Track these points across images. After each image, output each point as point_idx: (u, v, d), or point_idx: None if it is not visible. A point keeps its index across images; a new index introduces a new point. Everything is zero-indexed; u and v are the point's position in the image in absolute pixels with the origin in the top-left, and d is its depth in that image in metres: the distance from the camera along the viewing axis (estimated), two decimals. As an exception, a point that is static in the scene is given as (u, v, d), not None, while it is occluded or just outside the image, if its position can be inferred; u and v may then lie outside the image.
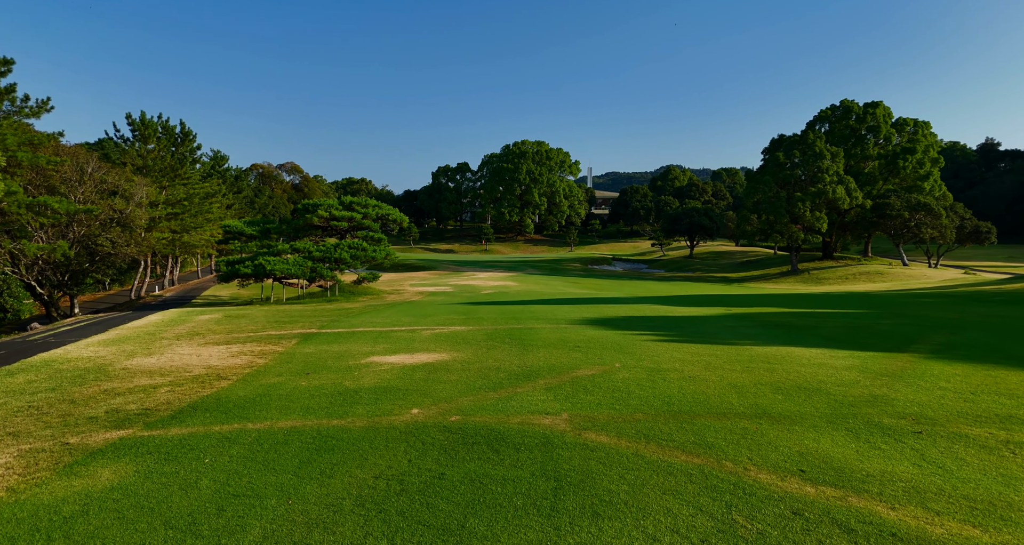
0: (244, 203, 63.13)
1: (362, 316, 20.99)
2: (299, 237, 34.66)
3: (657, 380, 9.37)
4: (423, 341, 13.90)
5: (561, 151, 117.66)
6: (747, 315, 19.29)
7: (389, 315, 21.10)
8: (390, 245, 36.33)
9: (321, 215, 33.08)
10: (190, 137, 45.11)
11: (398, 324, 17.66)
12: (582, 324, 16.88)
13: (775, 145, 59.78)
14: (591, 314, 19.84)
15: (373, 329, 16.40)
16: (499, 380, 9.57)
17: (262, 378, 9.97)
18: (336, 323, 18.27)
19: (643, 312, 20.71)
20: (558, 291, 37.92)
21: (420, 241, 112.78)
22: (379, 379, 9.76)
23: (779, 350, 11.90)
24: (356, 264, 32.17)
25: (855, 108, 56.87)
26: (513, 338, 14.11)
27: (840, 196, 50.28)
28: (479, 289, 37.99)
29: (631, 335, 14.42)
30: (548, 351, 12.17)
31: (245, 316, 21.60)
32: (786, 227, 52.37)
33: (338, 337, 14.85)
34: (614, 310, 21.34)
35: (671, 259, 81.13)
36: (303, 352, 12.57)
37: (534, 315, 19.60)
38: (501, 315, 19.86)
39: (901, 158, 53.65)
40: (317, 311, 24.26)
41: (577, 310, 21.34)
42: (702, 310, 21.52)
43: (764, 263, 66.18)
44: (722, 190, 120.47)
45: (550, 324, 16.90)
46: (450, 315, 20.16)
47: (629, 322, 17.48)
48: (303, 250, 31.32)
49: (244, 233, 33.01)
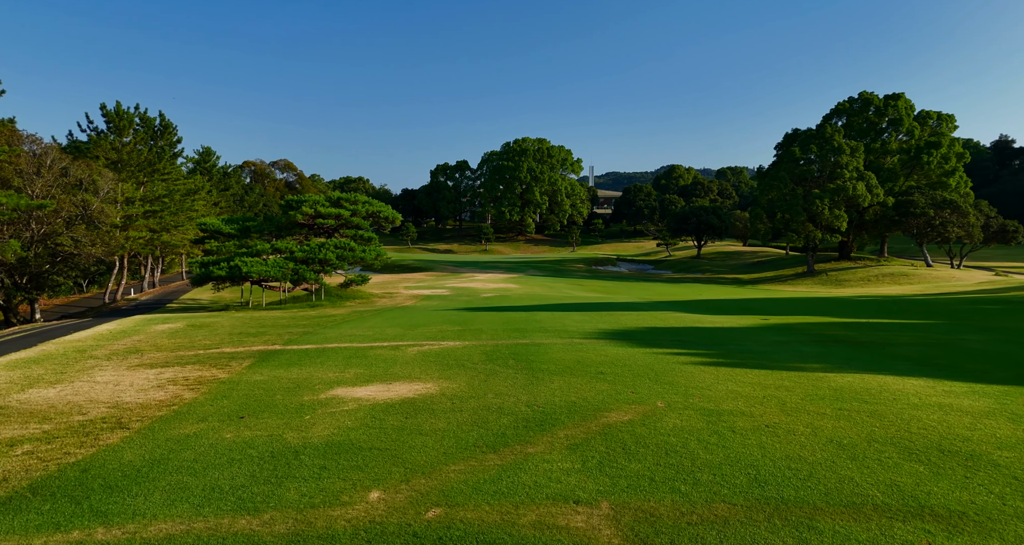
0: (232, 201, 60.42)
1: (343, 326, 18.29)
2: (283, 236, 31.96)
3: (723, 431, 6.67)
4: (407, 363, 11.19)
5: (563, 149, 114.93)
6: (791, 327, 16.57)
7: (374, 324, 18.39)
8: (381, 245, 33.63)
9: (306, 212, 30.36)
10: (170, 130, 42.40)
11: (381, 337, 14.95)
12: (599, 338, 14.18)
13: (789, 140, 57.00)
14: (607, 324, 17.14)
15: (350, 345, 13.69)
16: (502, 430, 6.88)
17: (176, 426, 7.26)
18: (309, 336, 15.56)
19: (666, 322, 17.98)
20: (563, 295, 35.22)
21: (418, 241, 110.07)
22: (335, 428, 7.05)
23: (866, 380, 9.18)
24: (343, 265, 29.45)
25: (875, 100, 54.07)
26: (518, 358, 11.41)
27: (861, 193, 47.52)
28: (478, 292, 35.29)
29: (663, 354, 11.71)
30: (564, 379, 9.47)
31: (209, 325, 18.90)
32: (803, 226, 49.60)
33: (303, 357, 12.13)
34: (632, 319, 18.62)
35: (678, 260, 78.40)
36: (251, 380, 9.86)
37: (541, 325, 16.90)
38: (502, 325, 17.17)
39: (925, 153, 50.86)
40: (295, 319, 21.57)
41: (589, 319, 18.63)
42: (733, 319, 18.81)
43: (776, 264, 63.44)
44: (728, 189, 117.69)
45: (561, 338, 14.20)
46: (443, 325, 17.46)
47: (654, 335, 14.77)
48: (285, 250, 28.63)
49: (222, 232, 30.30)
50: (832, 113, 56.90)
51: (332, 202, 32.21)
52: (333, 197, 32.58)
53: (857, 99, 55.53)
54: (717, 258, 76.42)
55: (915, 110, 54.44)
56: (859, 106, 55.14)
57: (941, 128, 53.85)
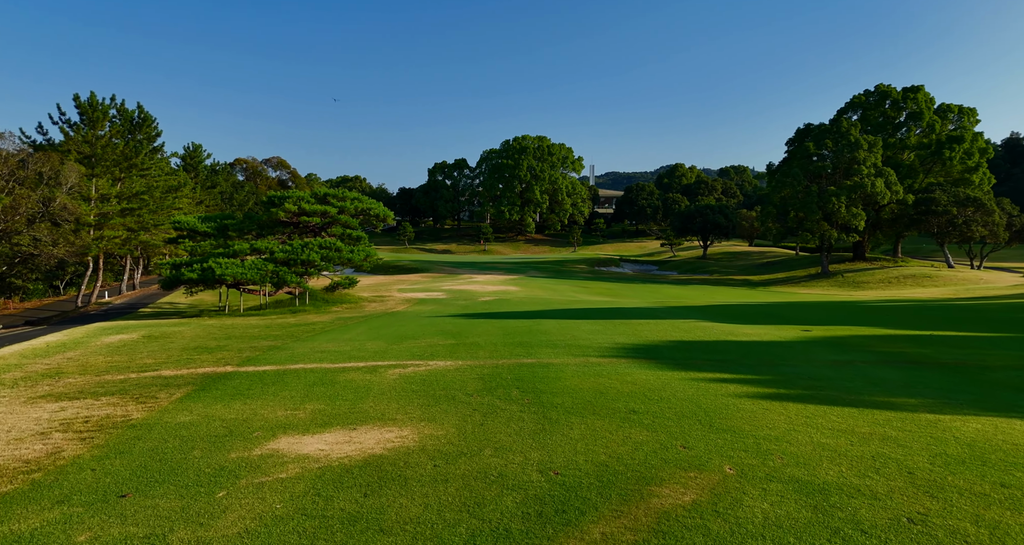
0: (221, 199, 57.96)
1: (319, 337, 15.90)
2: (265, 235, 29.57)
3: (848, 532, 4.31)
4: (382, 394, 8.82)
5: (563, 147, 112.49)
6: (841, 341, 14.19)
7: (355, 336, 16.01)
8: (372, 245, 31.25)
9: (289, 209, 27.97)
10: (149, 123, 39.97)
11: (359, 354, 12.57)
12: (619, 355, 11.81)
13: (802, 135, 54.60)
14: (625, 336, 14.75)
15: (318, 365, 11.30)
16: (504, 523, 4.53)
17: (10, 516, 4.85)
18: (275, 352, 13.16)
19: (692, 333, 15.58)
20: (567, 298, 32.84)
21: (415, 241, 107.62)
22: (254, 519, 4.68)
23: (1001, 427, 6.80)
24: (328, 267, 27.05)
25: (893, 93, 51.65)
26: (524, 386, 9.07)
27: (879, 190, 45.11)
28: (476, 295, 32.91)
29: (705, 381, 9.34)
30: (586, 423, 7.13)
31: (167, 337, 16.52)
32: (817, 225, 47.17)
33: (255, 384, 9.75)
34: (652, 329, 16.22)
35: (683, 260, 75.99)
36: (172, 423, 7.47)
37: (547, 337, 14.53)
38: (503, 337, 14.81)
39: (947, 147, 48.46)
40: (269, 327, 19.19)
41: (603, 329, 16.23)
42: (768, 330, 16.42)
43: (787, 264, 61.07)
44: (732, 188, 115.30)
45: (573, 355, 11.83)
46: (435, 337, 15.08)
47: (684, 352, 12.39)
48: (265, 251, 26.24)
49: (197, 230, 27.89)
50: (847, 107, 54.47)
51: (318, 198, 29.84)
52: (319, 193, 30.20)
53: (873, 92, 53.11)
54: (724, 258, 74.04)
55: (935, 104, 52.05)
56: (875, 99, 52.72)
57: (963, 122, 51.46)
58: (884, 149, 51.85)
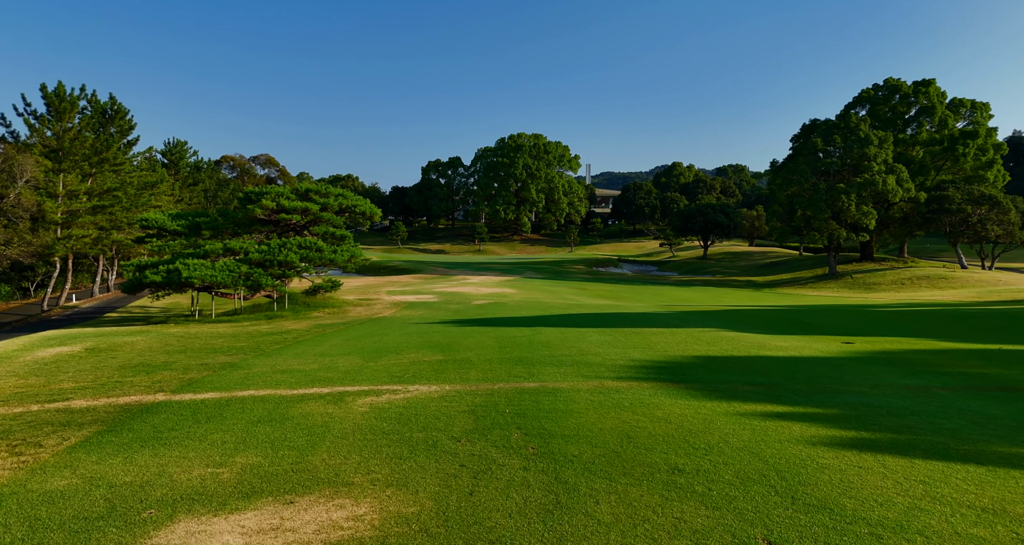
0: (204, 197, 55.62)
1: (286, 352, 13.79)
2: (241, 235, 27.41)
3: None
4: (341, 439, 6.75)
5: (560, 145, 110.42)
6: (899, 357, 12.19)
7: (328, 349, 13.92)
8: (358, 244, 29.12)
9: (267, 206, 25.80)
10: (122, 115, 37.67)
11: (326, 374, 10.48)
12: (639, 377, 9.77)
13: (808, 130, 52.70)
14: (640, 350, 12.69)
15: (272, 392, 9.20)
16: None
17: None
18: (224, 373, 11.05)
19: (718, 346, 13.53)
20: (567, 301, 30.80)
21: (408, 241, 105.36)
22: None
23: None
24: (308, 268, 24.88)
25: (903, 87, 49.86)
26: (527, 427, 7.02)
27: (891, 188, 43.29)
28: (470, 299, 30.83)
29: (759, 418, 7.30)
30: (616, 492, 5.10)
31: (113, 350, 14.38)
32: (825, 224, 45.28)
33: (184, 420, 7.64)
34: (669, 341, 14.16)
35: (683, 260, 74.07)
36: (36, 492, 5.36)
37: (551, 351, 12.48)
38: (499, 350, 12.76)
39: (961, 143, 46.68)
40: (236, 337, 17.06)
41: (613, 341, 14.17)
42: (802, 341, 14.39)
43: (791, 265, 59.24)
44: (731, 187, 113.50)
45: (584, 377, 9.79)
46: (420, 351, 13.01)
47: (716, 372, 10.34)
48: (239, 251, 24.08)
49: (167, 229, 25.66)
50: (854, 102, 52.62)
51: (299, 195, 27.70)
52: (300, 189, 28.05)
53: (882, 86, 51.29)
54: (725, 259, 72.17)
55: (947, 98, 50.27)
56: (885, 94, 50.88)
57: (976, 117, 49.72)
58: (893, 145, 50.05)
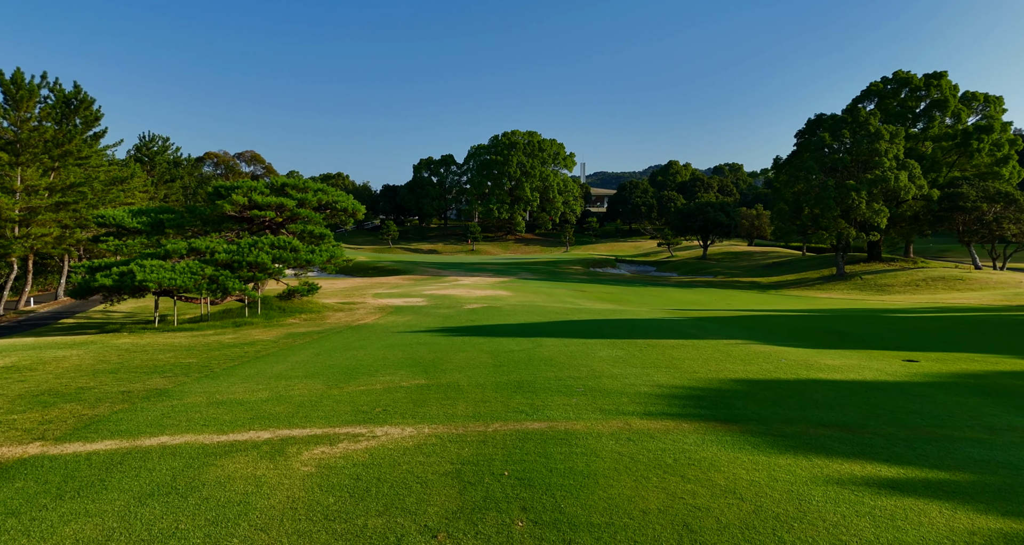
0: (182, 194, 53.00)
1: (236, 372, 11.45)
2: (209, 233, 24.99)
3: None
4: (261, 528, 4.43)
5: (555, 143, 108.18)
6: (990, 382, 10.01)
7: (288, 369, 11.59)
8: (340, 244, 26.75)
9: (237, 201, 23.39)
10: (87, 105, 35.10)
11: (273, 409, 8.15)
12: (673, 412, 7.51)
13: (813, 126, 50.75)
14: (665, 371, 10.44)
15: (190, 439, 6.87)
16: None
17: None
18: (143, 407, 8.69)
19: (755, 364, 11.29)
20: (567, 305, 28.55)
21: (400, 241, 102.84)
22: None
23: None
24: (282, 270, 22.49)
25: (914, 80, 47.97)
26: (533, 506, 4.76)
27: (903, 184, 41.36)
28: (461, 302, 28.54)
29: (866, 490, 5.05)
30: None
31: (32, 369, 11.99)
32: (834, 222, 43.28)
33: (32, 502, 5.31)
34: (695, 357, 11.91)
35: (682, 260, 72.02)
36: None
37: (556, 372, 10.23)
38: (493, 370, 10.51)
39: (975, 138, 44.81)
40: (190, 351, 14.69)
41: (628, 356, 11.90)
42: (857, 360, 12.17)
43: (794, 265, 57.28)
44: (728, 185, 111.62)
45: (603, 413, 7.52)
46: (397, 371, 10.72)
47: (772, 406, 8.08)
48: (204, 251, 21.67)
49: (125, 226, 23.20)
50: (862, 95, 50.69)
51: (273, 189, 25.31)
52: (276, 183, 25.65)
53: (892, 79, 49.37)
54: (725, 259, 70.17)
55: (959, 91, 48.41)
56: (894, 87, 48.97)
57: (989, 111, 47.88)
58: (905, 140, 48.11)
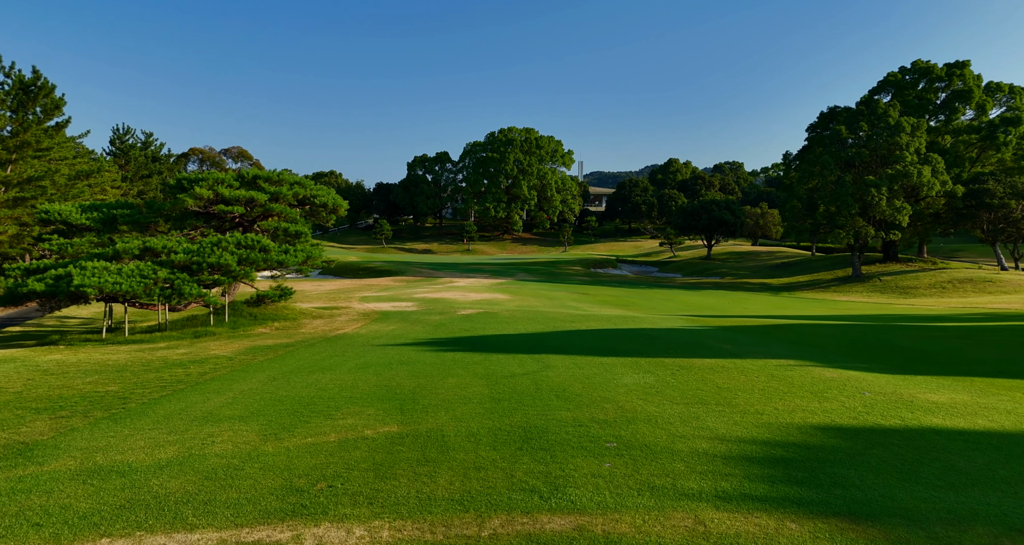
0: (160, 190, 50.14)
1: (154, 409, 8.77)
2: (170, 230, 22.23)
3: None
4: None
5: (552, 139, 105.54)
6: None
7: (217, 409, 8.91)
8: (319, 243, 24.05)
9: (200, 195, 20.64)
10: (47, 92, 32.24)
11: (167, 485, 5.46)
12: (771, 504, 4.84)
13: (826, 119, 48.31)
14: (722, 416, 7.80)
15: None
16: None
17: None
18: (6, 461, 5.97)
19: (840, 404, 8.67)
20: (571, 310, 25.91)
21: (394, 240, 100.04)
22: None
23: None
24: (250, 272, 19.74)
25: (935, 70, 45.59)
26: None
27: (927, 180, 38.98)
28: (455, 307, 25.86)
29: None
30: None
31: None
32: (852, 220, 40.82)
33: None
34: (752, 389, 9.27)
35: (685, 261, 69.50)
36: None
37: (574, 414, 7.58)
38: (490, 408, 7.88)
39: (1002, 131, 42.49)
40: (116, 375, 11.98)
41: (660, 385, 9.26)
42: (984, 398, 9.55)
43: (805, 266, 54.82)
44: (730, 184, 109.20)
45: (653, 494, 4.85)
46: (364, 410, 8.06)
47: (910, 483, 5.44)
48: (161, 251, 18.94)
49: (72, 223, 20.47)
50: (879, 87, 48.28)
51: (244, 182, 22.59)
52: (247, 175, 22.93)
53: (910, 69, 46.96)
54: (730, 259, 67.68)
55: (983, 82, 46.04)
56: (914, 77, 46.57)
57: (1015, 103, 45.53)
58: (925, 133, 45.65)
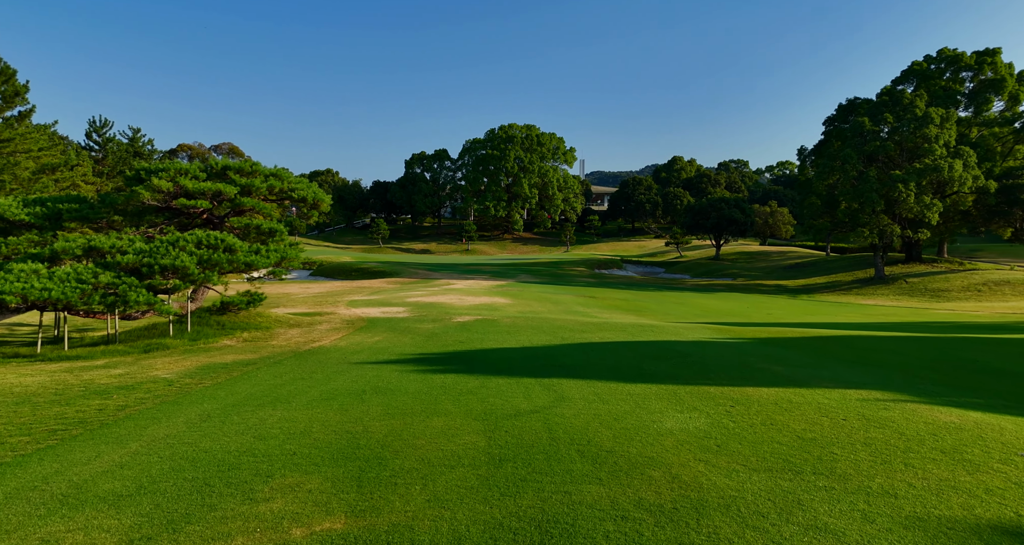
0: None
1: (17, 475, 6.12)
2: (125, 227, 19.65)
3: None
4: None
5: (554, 136, 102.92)
6: None
7: (86, 482, 6.30)
8: (297, 241, 21.44)
9: (159, 187, 18.07)
10: (8, 77, 29.67)
11: None
12: None
13: (845, 111, 45.77)
14: (829, 498, 5.18)
15: None
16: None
17: None
18: None
19: (1000, 480, 6.05)
20: (579, 316, 23.31)
21: (391, 240, 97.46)
22: None
23: None
24: (212, 276, 17.15)
25: (963, 58, 43.08)
26: None
27: (958, 175, 36.46)
28: (451, 313, 23.29)
29: None
30: None
31: None
32: (876, 218, 38.27)
33: None
34: (855, 446, 6.69)
35: (693, 261, 66.89)
36: None
37: (604, 488, 4.93)
38: (487, 471, 5.23)
39: (1038, 122, 40.03)
40: (10, 411, 9.39)
41: (717, 431, 6.66)
42: None
43: (820, 267, 52.23)
44: (736, 181, 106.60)
45: None
46: (305, 479, 5.42)
47: None
48: (108, 251, 16.35)
49: (8, 219, 17.87)
50: (902, 76, 45.72)
51: (211, 173, 20.00)
52: (216, 166, 20.33)
53: (937, 58, 44.43)
54: (740, 259, 65.09)
55: (1014, 70, 43.50)
56: (940, 66, 44.02)
57: (1047, 93, 43.02)
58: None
